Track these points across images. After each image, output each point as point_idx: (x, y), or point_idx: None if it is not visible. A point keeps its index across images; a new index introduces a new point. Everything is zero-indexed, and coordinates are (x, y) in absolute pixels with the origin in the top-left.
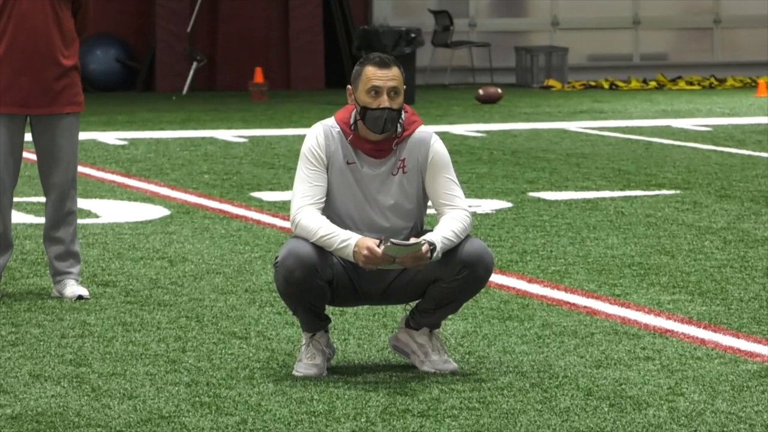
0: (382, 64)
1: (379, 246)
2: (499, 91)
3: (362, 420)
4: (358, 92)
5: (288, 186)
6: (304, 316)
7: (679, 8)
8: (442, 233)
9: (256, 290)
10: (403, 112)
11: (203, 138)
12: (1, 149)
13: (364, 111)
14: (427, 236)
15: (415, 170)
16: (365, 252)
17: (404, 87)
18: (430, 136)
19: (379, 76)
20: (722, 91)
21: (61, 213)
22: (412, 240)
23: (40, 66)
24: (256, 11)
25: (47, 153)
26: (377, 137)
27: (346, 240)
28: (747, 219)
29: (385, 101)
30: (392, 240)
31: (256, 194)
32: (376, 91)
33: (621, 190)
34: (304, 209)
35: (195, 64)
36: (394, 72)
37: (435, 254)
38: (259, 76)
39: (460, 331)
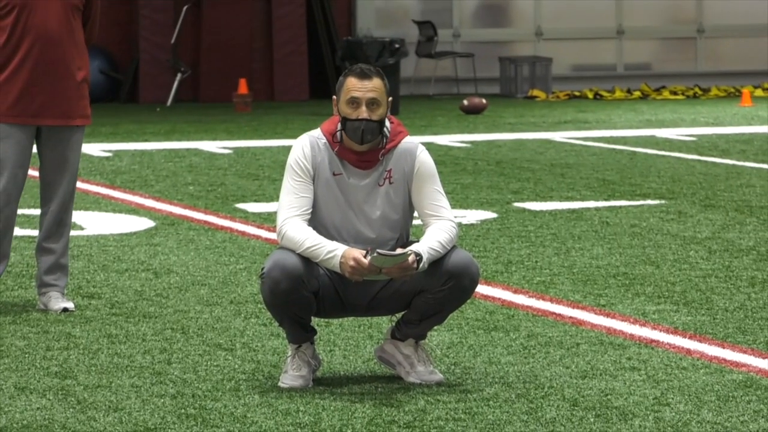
0: (363, 76)
1: (365, 257)
2: (484, 101)
3: (348, 431)
4: (340, 103)
5: (273, 197)
6: (290, 327)
7: (662, 18)
8: (429, 244)
9: (242, 302)
10: (388, 123)
11: (188, 149)
12: (11, 161)
13: (344, 122)
14: (414, 247)
15: (402, 181)
16: (351, 263)
17: (389, 98)
18: (416, 147)
19: (358, 87)
20: (706, 101)
21: (57, 224)
22: (399, 250)
23: (53, 77)
24: (239, 22)
25: (55, 164)
26: (362, 148)
27: (332, 251)
28: (732, 229)
29: (363, 112)
30: (378, 251)
31: (241, 206)
32: (355, 102)
33: (606, 200)
34: (291, 220)
35: (179, 75)
36: (375, 83)
37: (421, 265)
38: (243, 87)
39: (445, 342)
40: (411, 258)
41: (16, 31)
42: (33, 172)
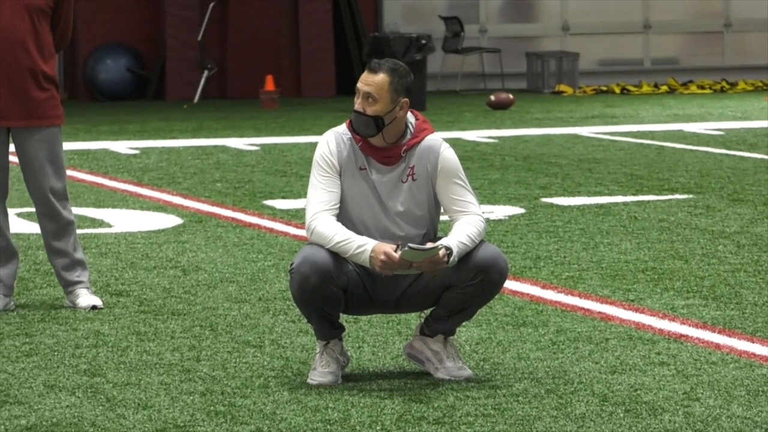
0: (371, 69)
1: (395, 251)
2: (511, 96)
3: (377, 428)
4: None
5: (300, 194)
6: (319, 323)
7: (689, 12)
8: (458, 238)
9: (270, 299)
10: (413, 119)
11: (215, 146)
12: None
13: None
14: (443, 241)
15: (425, 178)
16: (382, 257)
17: (398, 96)
18: (440, 144)
19: (363, 79)
20: (734, 95)
21: (58, 224)
22: (429, 244)
23: (18, 79)
24: (266, 19)
25: (27, 165)
26: (377, 143)
27: (362, 245)
28: (760, 223)
29: (359, 104)
30: (409, 245)
31: (268, 202)
32: (357, 92)
33: (634, 195)
34: (320, 215)
35: (206, 72)
36: (378, 78)
37: (451, 259)
38: (270, 84)
39: (474, 337)
40: (441, 252)
41: None
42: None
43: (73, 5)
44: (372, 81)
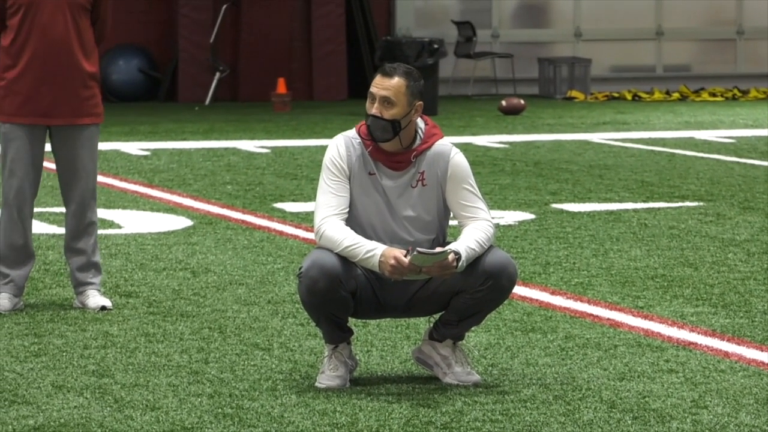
0: (385, 73)
1: (405, 256)
2: (522, 102)
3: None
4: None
5: (311, 197)
6: (327, 327)
7: (702, 20)
8: (467, 243)
9: (279, 301)
10: (422, 125)
11: (226, 148)
12: (23, 160)
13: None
14: (452, 245)
15: (435, 183)
16: (392, 262)
17: (414, 100)
18: (450, 150)
19: (377, 84)
20: (745, 103)
21: (81, 224)
22: (438, 249)
23: (61, 77)
24: (278, 22)
25: (68, 164)
26: (389, 148)
27: (371, 250)
28: None
29: (375, 109)
30: (419, 249)
31: (278, 205)
32: (371, 97)
33: (644, 201)
34: (329, 219)
35: (218, 74)
36: (394, 82)
37: (460, 263)
38: (281, 87)
39: (483, 343)
40: (451, 256)
41: (23, 30)
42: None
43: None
44: (389, 85)
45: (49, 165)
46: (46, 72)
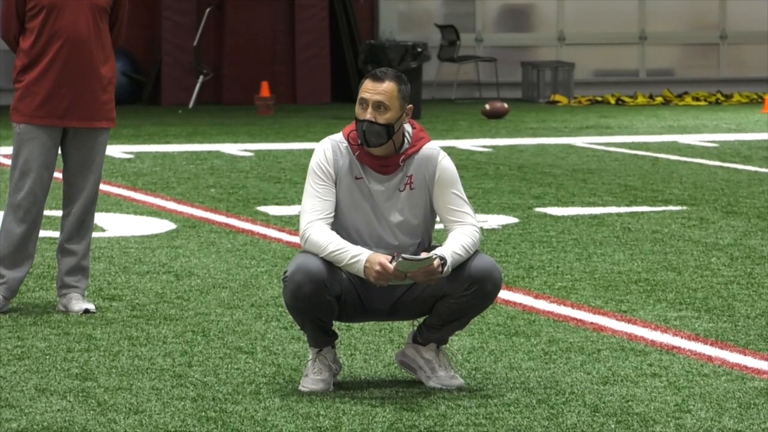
0: (376, 78)
1: (390, 262)
2: (506, 106)
3: None
4: (356, 104)
5: (294, 200)
6: (312, 331)
7: (685, 24)
8: (452, 248)
9: (263, 305)
10: (409, 128)
11: (209, 152)
12: (38, 162)
13: (355, 122)
14: (437, 251)
15: (423, 187)
16: (377, 268)
17: (406, 104)
18: (438, 153)
19: (369, 89)
20: (728, 107)
21: (80, 226)
22: (423, 255)
23: (81, 80)
24: (262, 25)
25: (80, 166)
26: (378, 152)
27: (356, 256)
28: (754, 235)
29: (369, 114)
30: (403, 255)
31: (262, 208)
32: (363, 103)
33: (627, 206)
34: (314, 224)
35: (201, 77)
36: (386, 86)
37: (446, 269)
38: (265, 90)
39: (466, 346)
40: (436, 262)
41: (44, 32)
42: (56, 174)
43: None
44: (382, 90)
45: None
46: (65, 74)
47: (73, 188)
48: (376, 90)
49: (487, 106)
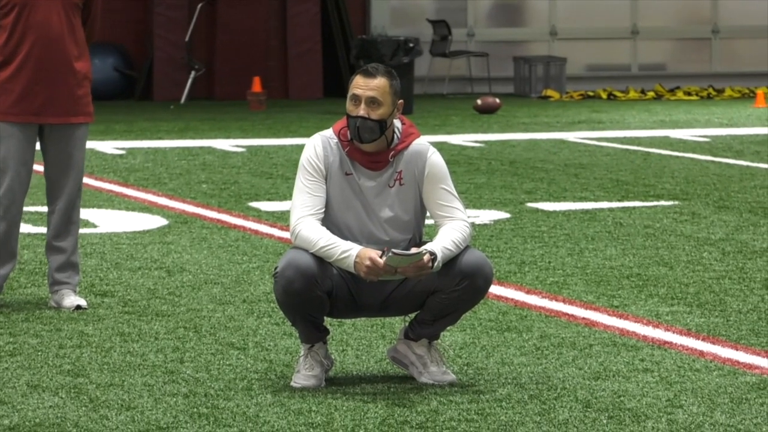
0: (367, 74)
1: (381, 257)
2: (498, 101)
3: (361, 431)
4: (347, 100)
5: (286, 196)
6: (303, 327)
7: (677, 18)
8: (442, 243)
9: (254, 301)
10: (399, 124)
11: (201, 147)
12: (15, 158)
13: (346, 118)
14: (428, 246)
15: (412, 183)
16: (367, 263)
17: (398, 99)
18: (427, 149)
19: (360, 85)
20: (720, 102)
21: (66, 223)
22: (413, 250)
23: (55, 76)
24: (254, 20)
25: (59, 162)
26: (369, 148)
27: (347, 251)
28: (745, 230)
29: (362, 110)
30: (393, 250)
31: (254, 204)
32: (355, 99)
33: (619, 200)
34: (304, 220)
35: (193, 73)
36: (378, 82)
37: (436, 264)
38: (257, 86)
39: (458, 342)
40: (426, 257)
41: (17, 29)
42: (41, 169)
43: None
44: (374, 85)
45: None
46: (40, 71)
47: (55, 185)
48: (368, 86)
49: (479, 101)
